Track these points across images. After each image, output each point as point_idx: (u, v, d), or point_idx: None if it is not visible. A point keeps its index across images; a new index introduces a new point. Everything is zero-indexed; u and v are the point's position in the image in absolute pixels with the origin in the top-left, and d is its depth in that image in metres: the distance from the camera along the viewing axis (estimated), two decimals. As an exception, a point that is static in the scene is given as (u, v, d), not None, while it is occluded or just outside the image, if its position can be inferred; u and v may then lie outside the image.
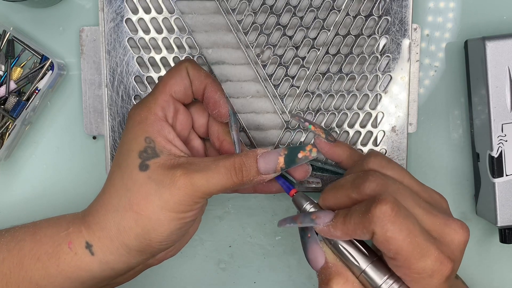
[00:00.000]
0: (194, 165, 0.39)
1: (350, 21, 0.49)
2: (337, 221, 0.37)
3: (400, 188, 0.37)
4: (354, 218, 0.36)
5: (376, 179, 0.37)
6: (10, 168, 0.53)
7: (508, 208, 0.48)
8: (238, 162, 0.39)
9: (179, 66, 0.42)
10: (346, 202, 0.38)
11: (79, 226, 0.41)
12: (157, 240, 0.40)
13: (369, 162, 0.40)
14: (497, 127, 0.48)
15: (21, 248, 0.42)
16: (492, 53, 0.47)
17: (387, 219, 0.34)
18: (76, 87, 0.52)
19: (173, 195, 0.39)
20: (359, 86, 0.50)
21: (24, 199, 0.53)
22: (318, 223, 0.38)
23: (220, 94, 0.42)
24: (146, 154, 0.40)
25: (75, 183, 0.53)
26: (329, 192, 0.39)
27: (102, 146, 0.52)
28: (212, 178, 0.39)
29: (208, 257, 0.54)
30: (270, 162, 0.40)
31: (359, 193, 0.37)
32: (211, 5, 0.49)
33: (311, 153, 0.40)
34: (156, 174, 0.39)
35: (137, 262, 0.42)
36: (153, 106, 0.41)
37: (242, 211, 0.54)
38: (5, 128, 0.51)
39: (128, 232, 0.40)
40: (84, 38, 0.50)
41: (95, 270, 0.41)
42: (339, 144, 0.44)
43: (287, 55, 0.50)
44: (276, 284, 0.54)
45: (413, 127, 0.51)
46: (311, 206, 0.40)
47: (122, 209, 0.40)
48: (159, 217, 0.39)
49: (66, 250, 0.41)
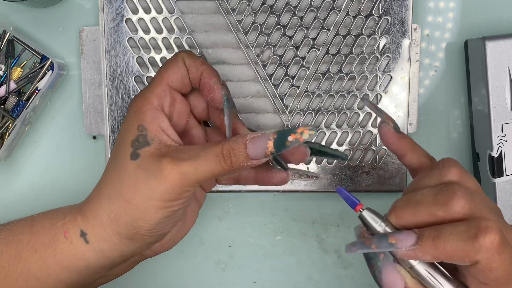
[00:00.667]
0: (182, 153, 0.39)
1: (350, 21, 0.49)
2: (425, 244, 0.34)
3: (484, 205, 0.35)
4: (451, 243, 0.33)
5: (465, 195, 0.34)
6: (10, 168, 0.53)
7: (508, 208, 0.48)
8: (227, 148, 0.38)
9: (175, 57, 0.42)
10: (428, 220, 0.35)
11: (75, 215, 0.42)
12: (146, 228, 0.40)
13: (450, 172, 0.36)
14: (497, 127, 0.48)
15: (19, 241, 0.42)
16: (492, 53, 0.47)
17: (495, 249, 0.33)
18: (76, 87, 0.52)
19: (161, 184, 0.38)
20: (359, 86, 0.50)
21: (24, 199, 0.53)
22: (400, 247, 0.35)
23: (215, 80, 0.41)
24: (138, 143, 0.40)
25: (75, 183, 0.53)
26: (405, 209, 0.36)
27: (102, 146, 0.52)
28: (200, 165, 0.38)
29: (208, 257, 0.54)
30: (259, 147, 0.38)
31: (446, 211, 0.34)
32: (211, 5, 0.49)
33: (302, 135, 0.37)
34: (145, 162, 0.39)
35: (131, 250, 0.41)
36: (150, 95, 0.41)
37: (242, 211, 0.54)
38: (5, 128, 0.51)
39: (118, 220, 0.40)
40: (84, 38, 0.50)
41: (91, 259, 0.41)
42: (405, 137, 0.41)
43: (287, 55, 0.50)
44: (276, 284, 0.54)
45: (413, 127, 0.51)
46: (383, 225, 0.36)
47: (114, 197, 0.40)
48: (146, 205, 0.39)
49: (62, 240, 0.41)
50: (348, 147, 0.50)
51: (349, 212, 0.54)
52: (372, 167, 0.51)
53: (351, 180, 0.51)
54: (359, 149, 0.50)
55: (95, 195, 0.41)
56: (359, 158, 0.50)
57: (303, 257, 0.54)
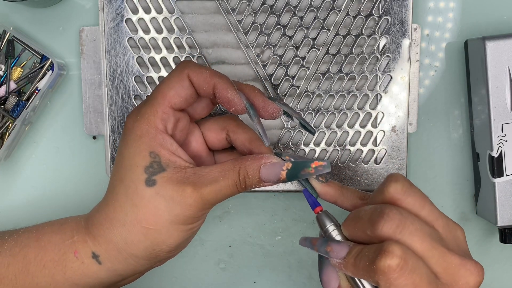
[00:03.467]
0: (201, 177, 0.39)
1: (350, 21, 0.49)
2: (348, 261, 0.36)
3: (417, 228, 0.35)
4: (362, 263, 0.35)
5: (392, 218, 0.35)
6: (10, 168, 0.53)
7: (508, 208, 0.48)
8: (242, 174, 0.39)
9: (180, 75, 0.40)
10: (362, 237, 0.37)
11: (83, 236, 0.41)
12: (166, 250, 0.41)
13: (390, 188, 0.37)
14: (497, 127, 0.48)
15: (25, 254, 0.42)
16: (492, 53, 0.47)
17: (391, 274, 0.34)
18: (76, 87, 0.52)
19: (184, 211, 0.39)
20: (359, 86, 0.50)
21: (24, 199, 0.53)
22: (332, 257, 0.37)
23: (232, 92, 0.40)
24: (152, 169, 0.39)
25: (75, 183, 0.53)
26: (350, 222, 0.38)
27: (102, 146, 0.52)
28: (220, 190, 0.39)
29: (208, 257, 0.54)
30: (272, 174, 0.40)
31: (373, 232, 0.36)
32: (211, 5, 0.49)
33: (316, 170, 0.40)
34: (165, 189, 0.39)
35: (145, 268, 0.43)
36: (153, 119, 0.40)
37: (242, 211, 0.54)
38: (5, 128, 0.51)
39: (136, 245, 0.40)
40: (84, 38, 0.50)
41: (103, 277, 0.41)
42: (330, 184, 0.42)
43: (287, 55, 0.50)
44: (276, 284, 0.54)
45: (413, 127, 0.51)
46: (333, 229, 0.39)
47: (129, 224, 0.40)
48: (169, 230, 0.39)
49: (73, 259, 0.41)
50: (348, 147, 0.50)
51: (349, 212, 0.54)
52: (372, 167, 0.51)
53: (351, 180, 0.51)
54: (359, 149, 0.50)
55: (104, 219, 0.41)
56: (359, 158, 0.50)
57: (303, 257, 0.54)
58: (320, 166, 0.40)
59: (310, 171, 0.39)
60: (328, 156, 0.50)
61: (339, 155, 0.50)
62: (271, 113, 0.41)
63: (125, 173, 0.40)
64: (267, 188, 0.51)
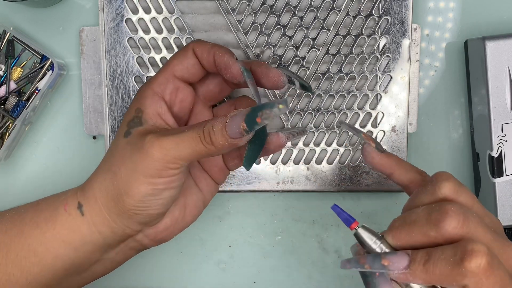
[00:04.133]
0: (169, 131, 0.40)
1: (350, 21, 0.49)
2: (416, 268, 0.34)
3: (478, 221, 0.34)
4: (440, 268, 0.33)
5: (457, 215, 0.34)
6: (10, 168, 0.53)
7: (508, 208, 0.48)
8: (208, 126, 0.38)
9: (185, 47, 0.43)
10: (422, 241, 0.35)
11: (76, 190, 0.43)
12: (130, 203, 0.40)
13: (442, 187, 0.36)
14: (497, 127, 0.48)
15: (23, 218, 0.43)
16: (492, 53, 0.47)
17: (482, 273, 0.32)
18: (76, 87, 0.52)
19: (143, 158, 0.39)
20: (359, 86, 0.50)
21: (24, 199, 0.53)
22: (392, 270, 0.34)
23: (228, 56, 0.41)
24: (133, 123, 0.41)
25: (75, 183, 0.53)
26: (401, 229, 0.35)
27: (102, 146, 0.52)
28: (181, 141, 0.38)
29: (208, 257, 0.54)
30: (234, 126, 0.37)
31: (438, 232, 0.34)
32: (211, 5, 0.49)
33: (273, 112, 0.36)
34: (134, 139, 0.40)
35: (120, 229, 0.42)
36: (152, 82, 0.42)
37: (242, 211, 0.54)
38: (5, 128, 0.51)
39: (107, 193, 0.41)
40: (84, 38, 0.50)
41: (85, 233, 0.42)
42: (389, 155, 0.40)
43: (287, 55, 0.50)
44: (276, 284, 0.54)
45: (413, 127, 0.51)
46: (379, 243, 0.36)
47: (105, 171, 0.42)
48: (130, 179, 0.40)
49: (62, 212, 0.42)
50: (348, 147, 0.50)
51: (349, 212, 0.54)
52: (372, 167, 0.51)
53: (351, 180, 0.51)
54: (359, 149, 0.50)
55: (94, 171, 0.43)
56: (359, 158, 0.50)
57: (303, 257, 0.54)
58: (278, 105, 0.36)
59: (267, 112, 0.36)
60: (328, 156, 0.50)
61: (339, 155, 0.50)
62: (273, 78, 0.41)
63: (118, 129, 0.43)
64: (267, 188, 0.51)
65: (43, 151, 0.53)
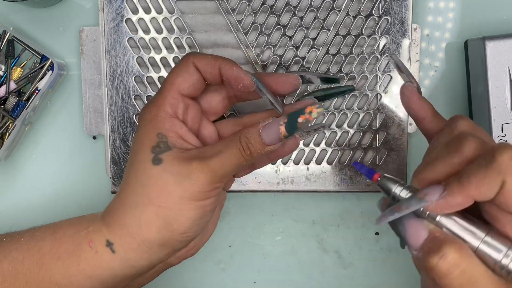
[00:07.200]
0: (206, 153, 0.40)
1: (350, 21, 0.49)
2: (452, 188, 0.34)
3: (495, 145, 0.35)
4: (474, 175, 0.33)
5: (475, 138, 0.34)
6: (10, 168, 0.53)
7: (508, 208, 0.48)
8: (244, 140, 0.39)
9: (185, 62, 0.41)
10: (448, 171, 0.35)
11: (99, 225, 0.41)
12: (180, 231, 0.40)
13: (460, 125, 0.37)
14: (497, 127, 0.48)
15: (40, 247, 0.41)
16: (492, 53, 0.47)
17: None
18: (76, 87, 0.52)
19: (193, 184, 0.39)
20: (359, 86, 0.50)
21: (24, 199, 0.53)
22: (429, 200, 0.34)
23: (237, 69, 0.41)
24: (159, 149, 0.40)
25: (75, 183, 0.53)
26: (425, 169, 0.36)
27: (102, 146, 0.52)
28: (226, 160, 0.39)
29: (208, 257, 0.54)
30: (272, 133, 0.39)
31: (460, 157, 0.34)
32: (211, 5, 0.49)
33: (311, 114, 0.39)
34: (171, 166, 0.39)
35: (158, 258, 0.41)
36: (162, 104, 0.41)
37: (242, 211, 0.54)
38: (5, 128, 0.51)
39: (149, 226, 0.40)
40: (84, 38, 0.50)
41: (116, 268, 0.41)
42: (427, 101, 0.41)
43: (287, 55, 0.50)
44: (276, 284, 0.54)
45: (413, 127, 0.51)
46: (402, 188, 0.37)
47: (141, 204, 0.40)
48: (180, 206, 0.39)
49: (87, 249, 0.41)
50: (348, 147, 0.50)
51: (349, 212, 0.54)
52: (372, 167, 0.51)
53: (351, 180, 0.51)
54: (359, 149, 0.50)
55: (117, 205, 0.41)
56: (359, 158, 0.50)
57: (303, 257, 0.54)
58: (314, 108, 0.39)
59: (307, 117, 0.39)
60: (328, 156, 0.50)
61: (339, 155, 0.51)
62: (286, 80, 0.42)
63: (134, 156, 0.41)
64: (267, 188, 0.51)
65: (43, 151, 0.53)
